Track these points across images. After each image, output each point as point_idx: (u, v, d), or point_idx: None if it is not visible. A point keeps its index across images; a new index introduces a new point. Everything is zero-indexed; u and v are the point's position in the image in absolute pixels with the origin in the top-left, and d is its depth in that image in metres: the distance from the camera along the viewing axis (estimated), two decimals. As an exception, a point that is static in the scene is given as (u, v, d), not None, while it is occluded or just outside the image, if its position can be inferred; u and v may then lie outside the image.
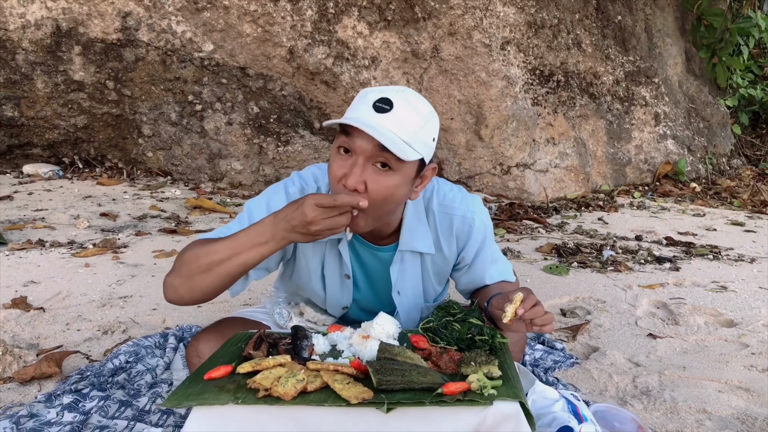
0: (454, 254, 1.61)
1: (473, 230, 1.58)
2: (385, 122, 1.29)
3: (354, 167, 1.31)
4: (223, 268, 1.36)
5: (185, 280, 1.39)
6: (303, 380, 1.16)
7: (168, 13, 4.80)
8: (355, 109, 1.34)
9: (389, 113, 1.30)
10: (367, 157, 1.31)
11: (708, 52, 6.87)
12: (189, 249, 1.42)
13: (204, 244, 1.40)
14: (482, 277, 1.66)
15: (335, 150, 1.36)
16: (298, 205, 1.28)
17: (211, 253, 1.36)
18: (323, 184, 1.54)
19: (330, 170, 1.37)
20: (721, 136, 7.22)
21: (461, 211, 1.56)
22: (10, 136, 5.14)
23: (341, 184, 1.32)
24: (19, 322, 2.35)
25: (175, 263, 1.43)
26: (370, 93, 1.34)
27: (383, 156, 1.30)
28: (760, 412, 1.83)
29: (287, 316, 1.63)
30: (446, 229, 1.57)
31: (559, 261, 3.57)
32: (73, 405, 1.70)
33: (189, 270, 1.38)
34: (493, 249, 1.67)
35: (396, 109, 1.31)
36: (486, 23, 5.02)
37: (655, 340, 2.42)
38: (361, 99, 1.35)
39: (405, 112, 1.32)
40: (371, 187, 1.32)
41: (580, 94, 5.81)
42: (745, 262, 3.67)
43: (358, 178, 1.30)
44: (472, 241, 1.59)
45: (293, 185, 1.53)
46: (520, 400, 1.13)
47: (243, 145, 5.18)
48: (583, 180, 5.76)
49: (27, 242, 3.46)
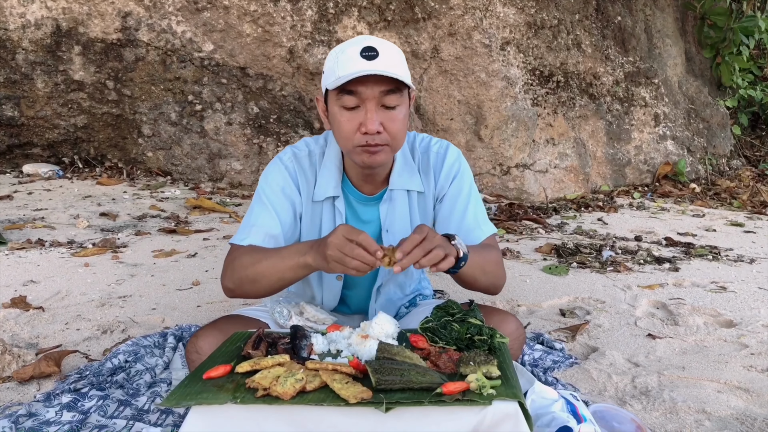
0: (432, 188, 1.70)
1: (446, 161, 1.69)
2: (380, 65, 1.41)
3: (368, 113, 1.44)
4: (270, 282, 1.48)
5: (238, 286, 1.53)
6: (302, 380, 1.16)
7: (168, 13, 4.80)
8: (344, 66, 1.43)
9: (379, 58, 1.42)
10: (376, 101, 1.44)
11: (712, 52, 6.87)
12: (237, 257, 1.53)
13: (249, 254, 1.51)
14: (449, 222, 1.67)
15: (338, 110, 1.47)
16: (331, 232, 1.35)
17: (259, 267, 1.47)
18: (316, 147, 1.67)
19: (340, 127, 1.48)
20: (721, 137, 7.23)
21: (436, 147, 1.71)
22: (10, 135, 5.14)
23: (359, 132, 1.45)
24: (19, 322, 2.35)
25: (226, 268, 1.56)
26: (348, 48, 1.45)
27: (389, 95, 1.44)
28: (759, 413, 1.83)
29: (287, 315, 1.63)
30: (425, 165, 1.70)
31: (558, 261, 3.57)
32: (71, 404, 1.70)
33: (239, 279, 1.51)
34: (475, 200, 1.70)
35: (381, 53, 1.43)
36: (486, 24, 5.02)
37: (654, 341, 2.42)
38: (341, 56, 1.45)
39: (389, 53, 1.45)
40: (388, 125, 1.46)
41: (580, 94, 5.81)
42: (744, 262, 3.67)
43: (376, 121, 1.44)
44: (444, 171, 1.69)
45: (285, 153, 1.67)
46: (518, 400, 1.13)
47: (243, 145, 5.18)
48: (582, 180, 5.76)
49: (27, 242, 3.46)
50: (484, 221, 1.69)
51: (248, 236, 1.56)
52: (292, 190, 1.63)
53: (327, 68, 1.50)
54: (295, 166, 1.64)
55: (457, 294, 2.87)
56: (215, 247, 3.59)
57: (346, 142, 1.49)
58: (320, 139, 1.69)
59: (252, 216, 1.61)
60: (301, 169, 1.64)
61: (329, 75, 1.47)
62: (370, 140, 1.46)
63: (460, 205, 1.68)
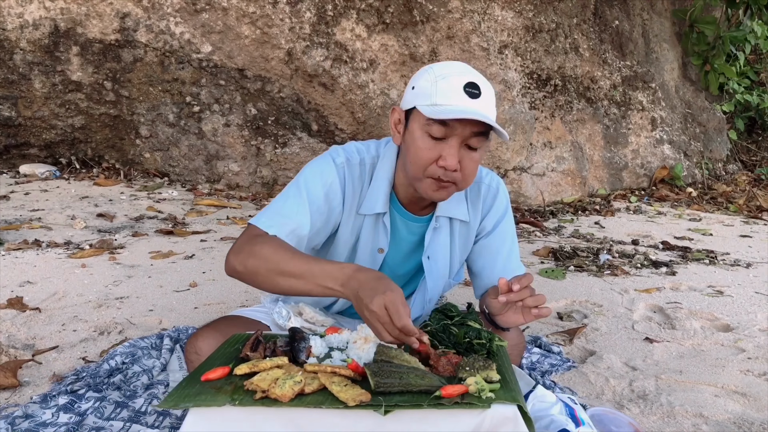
0: (478, 221, 1.69)
1: (497, 198, 1.69)
2: (480, 107, 1.39)
3: (452, 149, 1.41)
4: (286, 285, 1.38)
5: (246, 273, 1.42)
6: (300, 382, 1.15)
7: (166, 14, 4.80)
8: (445, 96, 1.39)
9: (481, 98, 1.40)
10: (462, 140, 1.42)
11: (700, 60, 6.91)
12: (260, 245, 1.41)
13: (276, 250, 1.40)
14: (495, 260, 1.69)
15: (421, 134, 1.43)
16: (379, 287, 1.24)
17: (282, 265, 1.37)
18: (367, 157, 1.60)
19: (418, 154, 1.44)
20: (717, 142, 7.25)
21: (488, 180, 1.69)
22: (7, 136, 5.13)
23: (436, 164, 1.42)
24: (15, 323, 2.35)
25: (242, 249, 1.43)
26: (451, 77, 1.41)
27: (479, 138, 1.42)
28: (756, 417, 1.84)
29: (286, 316, 1.63)
30: (474, 196, 1.67)
31: (555, 265, 3.58)
32: (68, 406, 1.69)
33: (254, 269, 1.40)
34: (513, 241, 1.74)
35: (483, 93, 1.41)
36: (484, 27, 5.03)
37: (651, 344, 2.42)
38: (442, 83, 1.41)
39: (489, 95, 1.43)
40: (465, 165, 1.44)
41: (578, 98, 5.82)
42: (741, 266, 3.68)
43: (456, 159, 1.41)
44: (494, 208, 1.69)
45: (338, 156, 1.58)
46: (518, 403, 1.13)
47: (240, 147, 5.18)
48: (579, 184, 5.77)
49: (23, 242, 3.45)
50: (519, 262, 1.73)
51: (274, 225, 1.46)
52: (337, 196, 1.55)
53: (421, 87, 1.44)
54: (346, 173, 1.57)
55: (456, 297, 2.88)
56: (213, 249, 3.58)
57: (419, 169, 1.45)
58: (371, 148, 1.62)
59: (285, 205, 1.51)
60: (351, 177, 1.57)
61: (424, 96, 1.42)
62: (444, 176, 1.43)
63: (507, 246, 1.70)
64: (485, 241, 1.70)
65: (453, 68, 1.44)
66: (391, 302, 1.21)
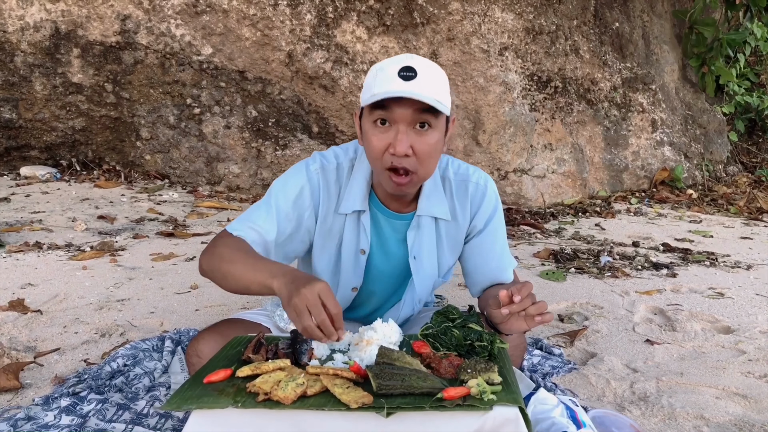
0: (467, 220, 1.69)
1: (486, 196, 1.68)
2: (416, 88, 1.39)
3: (398, 134, 1.41)
4: (232, 281, 1.44)
5: (209, 272, 1.51)
6: (303, 384, 1.16)
7: (167, 17, 4.81)
8: (381, 84, 1.41)
9: (416, 79, 1.39)
10: (408, 123, 1.42)
11: (698, 61, 6.91)
12: (221, 245, 1.50)
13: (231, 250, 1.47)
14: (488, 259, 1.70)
15: (371, 125, 1.45)
16: (314, 279, 1.28)
17: (231, 264, 1.43)
18: (345, 160, 1.63)
19: (370, 145, 1.46)
20: (718, 143, 7.25)
21: (475, 178, 1.68)
22: (7, 138, 5.14)
23: (388, 152, 1.43)
24: (17, 325, 2.35)
25: (208, 249, 1.53)
26: (388, 67, 1.42)
27: (422, 117, 1.41)
28: (757, 419, 1.84)
29: (287, 319, 1.63)
30: (461, 195, 1.67)
31: (556, 267, 3.58)
32: (70, 408, 1.70)
33: (212, 267, 1.49)
34: (504, 237, 1.74)
35: (420, 74, 1.40)
36: (484, 29, 5.04)
37: (652, 346, 2.42)
38: (380, 74, 1.42)
39: (428, 75, 1.42)
40: (418, 148, 1.43)
41: (578, 100, 5.83)
42: (741, 268, 3.68)
43: (406, 143, 1.41)
44: (484, 206, 1.68)
45: (314, 162, 1.61)
46: (519, 405, 1.13)
47: (241, 149, 5.18)
48: (580, 186, 5.78)
49: (24, 244, 3.45)
50: (510, 257, 1.74)
51: (241, 230, 1.53)
52: (307, 203, 1.59)
53: (365, 84, 1.48)
54: (320, 179, 1.60)
55: (456, 299, 2.88)
56: (213, 251, 3.58)
57: (375, 161, 1.48)
58: (350, 150, 1.66)
59: (254, 212, 1.57)
60: (326, 182, 1.60)
61: (366, 91, 1.46)
62: (397, 162, 1.43)
63: (498, 245, 1.71)
64: (477, 240, 1.71)
65: (394, 59, 1.45)
66: (325, 290, 1.25)
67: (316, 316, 1.22)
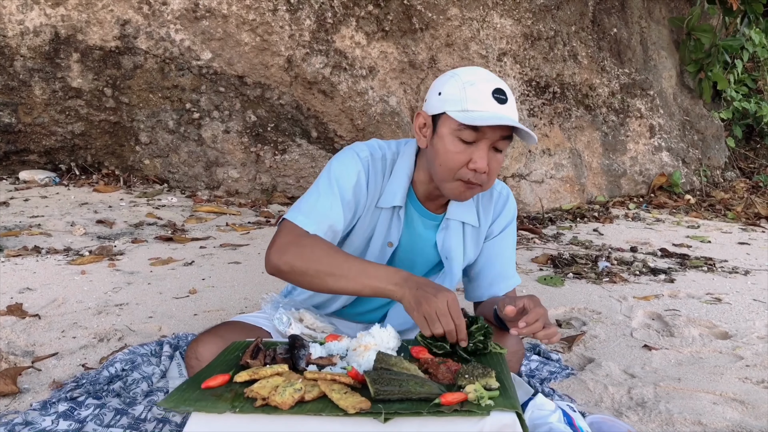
0: (488, 224, 1.74)
1: (507, 204, 1.75)
2: (509, 112, 1.46)
3: (483, 152, 1.47)
4: (336, 285, 1.44)
5: (292, 272, 1.45)
6: (300, 389, 1.16)
7: (167, 22, 4.82)
8: (475, 103, 1.45)
9: (508, 103, 1.47)
10: (491, 143, 1.48)
11: (696, 67, 6.94)
12: (308, 246, 1.46)
13: (327, 250, 1.45)
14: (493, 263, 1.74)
15: (451, 139, 1.48)
16: (441, 287, 1.36)
17: (334, 267, 1.43)
18: (389, 153, 1.64)
19: (448, 155, 1.49)
20: (716, 149, 7.27)
21: (499, 187, 1.76)
22: (6, 142, 5.14)
23: (467, 168, 1.48)
24: (15, 329, 2.35)
25: (287, 248, 1.46)
26: (479, 83, 1.46)
27: (505, 142, 1.49)
28: (754, 425, 1.84)
29: (287, 322, 1.63)
30: (486, 202, 1.73)
31: (554, 272, 3.58)
32: (68, 413, 1.70)
33: (303, 267, 1.44)
34: (513, 248, 1.80)
35: (509, 98, 1.48)
36: (483, 35, 5.06)
37: (650, 352, 2.43)
38: (471, 90, 1.46)
39: (512, 99, 1.49)
40: (492, 166, 1.50)
41: (576, 105, 5.84)
42: (739, 274, 3.68)
43: (486, 162, 1.47)
44: (504, 213, 1.75)
45: (362, 150, 1.61)
46: (516, 411, 1.14)
47: (240, 154, 5.19)
48: (578, 191, 5.79)
49: (23, 249, 3.45)
50: (514, 270, 1.79)
51: (312, 223, 1.50)
52: (362, 190, 1.59)
53: (449, 93, 1.48)
54: (370, 167, 1.60)
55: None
56: (212, 256, 3.58)
57: (449, 171, 1.50)
58: (392, 145, 1.67)
59: (319, 201, 1.53)
60: (374, 171, 1.61)
61: (453, 102, 1.47)
62: (474, 178, 1.49)
63: (507, 252, 1.76)
64: (489, 243, 1.75)
65: (478, 75, 1.49)
66: (453, 300, 1.34)
67: (445, 325, 1.32)
